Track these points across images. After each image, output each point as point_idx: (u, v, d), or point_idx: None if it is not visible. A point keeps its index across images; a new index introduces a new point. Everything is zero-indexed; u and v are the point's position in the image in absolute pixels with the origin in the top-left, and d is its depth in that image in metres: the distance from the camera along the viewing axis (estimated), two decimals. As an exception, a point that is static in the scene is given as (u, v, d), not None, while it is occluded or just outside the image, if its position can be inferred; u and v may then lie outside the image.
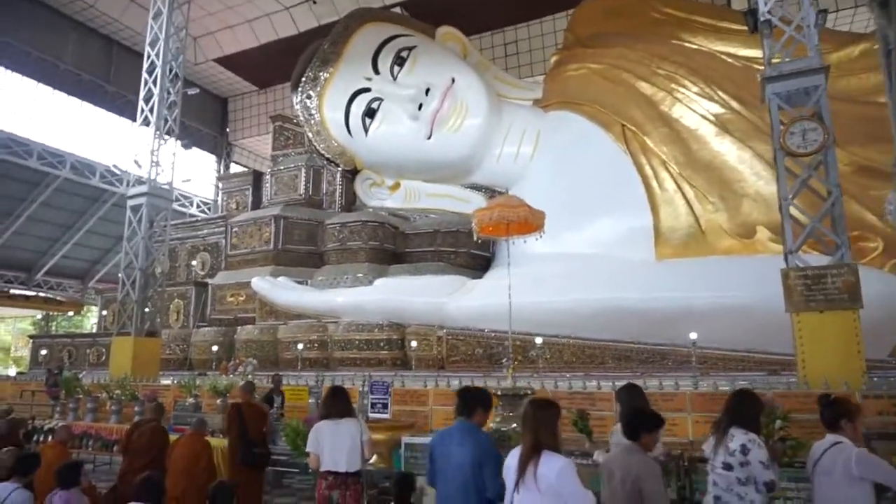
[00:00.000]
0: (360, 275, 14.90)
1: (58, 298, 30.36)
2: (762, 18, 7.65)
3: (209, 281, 17.16)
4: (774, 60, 7.65)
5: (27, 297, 29.18)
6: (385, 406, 8.52)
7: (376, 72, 17.05)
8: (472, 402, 3.56)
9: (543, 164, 15.95)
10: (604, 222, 14.06)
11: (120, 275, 13.58)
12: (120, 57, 25.60)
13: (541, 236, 7.10)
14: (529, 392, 6.48)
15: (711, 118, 13.57)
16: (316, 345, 13.61)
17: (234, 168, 30.21)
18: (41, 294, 29.53)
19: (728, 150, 13.14)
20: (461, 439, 3.42)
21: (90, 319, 34.97)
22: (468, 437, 3.39)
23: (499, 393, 6.27)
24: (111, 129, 26.13)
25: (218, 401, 8.79)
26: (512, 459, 2.94)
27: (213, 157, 30.71)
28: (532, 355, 11.60)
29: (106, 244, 29.20)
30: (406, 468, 6.57)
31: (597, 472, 4.41)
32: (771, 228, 12.12)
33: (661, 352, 10.79)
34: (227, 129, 30.19)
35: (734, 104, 13.52)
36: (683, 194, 13.43)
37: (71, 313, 32.44)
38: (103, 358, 16.25)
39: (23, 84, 23.25)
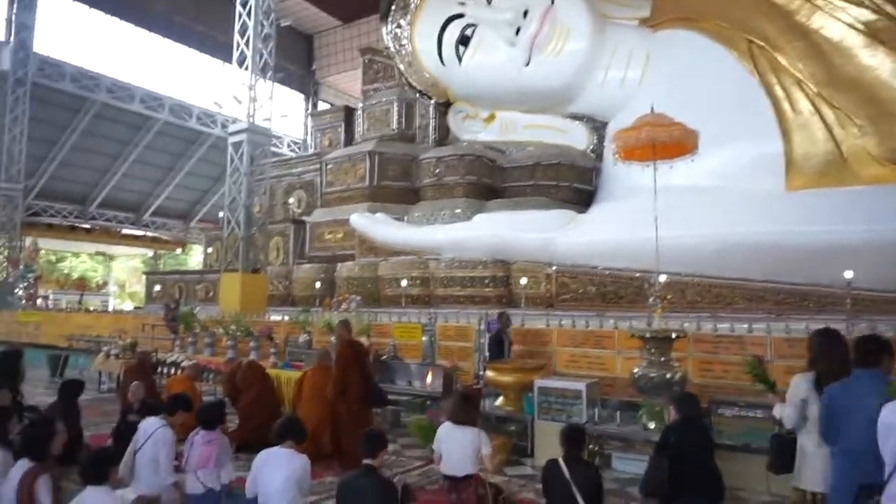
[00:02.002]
0: (458, 210, 14.42)
1: (163, 237, 31.99)
2: None
3: (306, 219, 17.21)
4: None
5: (136, 237, 30.94)
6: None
7: (470, -5, 16.03)
8: (877, 350, 3.14)
9: (654, 88, 14.54)
10: (725, 151, 12.66)
11: (224, 212, 13.75)
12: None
13: (693, 159, 6.26)
14: (682, 334, 5.84)
15: (860, 27, 11.81)
16: (417, 282, 13.38)
17: (322, 106, 30.13)
18: (149, 234, 31.18)
19: (881, 64, 11.44)
20: (872, 389, 2.96)
21: (193, 257, 36.79)
22: (882, 388, 2.95)
23: (647, 335, 5.67)
24: (202, 70, 26.47)
25: (332, 338, 8.65)
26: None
27: (300, 96, 30.71)
28: (648, 294, 10.85)
29: (204, 185, 30.20)
30: (538, 413, 6.19)
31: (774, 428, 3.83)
32: (933, 152, 10.61)
33: (801, 292, 9.76)
34: (314, 67, 29.96)
35: (889, 8, 11.68)
36: (822, 117, 11.93)
37: (179, 251, 34.16)
38: (211, 294, 16.78)
39: (120, 27, 23.74)
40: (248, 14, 13.43)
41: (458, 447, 4.15)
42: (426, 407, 7.60)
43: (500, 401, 6.79)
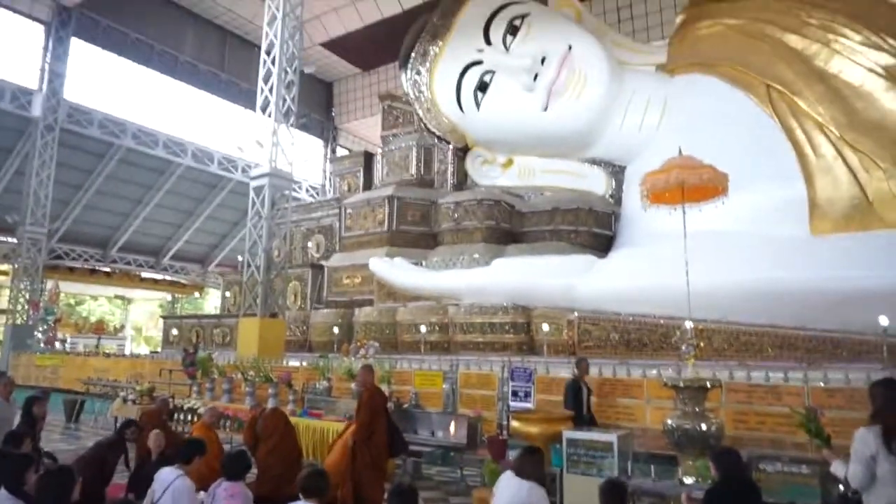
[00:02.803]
0: (477, 255, 14.37)
1: (181, 281, 32.19)
2: None
3: (324, 263, 17.24)
4: None
5: (155, 281, 31.16)
6: (528, 395, 7.95)
7: (488, 43, 16.32)
8: None
9: (672, 132, 14.58)
10: (747, 196, 12.47)
11: (245, 256, 13.81)
12: (232, 46, 26.46)
13: (724, 202, 6.17)
14: (718, 384, 5.63)
15: (880, 70, 11.81)
16: (436, 328, 13.23)
17: (340, 152, 30.60)
18: (167, 277, 31.41)
19: (903, 107, 11.38)
20: None
21: (209, 301, 36.93)
22: None
23: (680, 385, 5.47)
24: (226, 116, 27.08)
25: (353, 385, 8.51)
26: None
27: (319, 142, 31.23)
28: (675, 341, 10.60)
29: (223, 229, 30.51)
30: (567, 466, 5.95)
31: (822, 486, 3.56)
32: (963, 196, 10.43)
33: (833, 339, 9.48)
34: (333, 113, 30.56)
35: (908, 53, 11.69)
36: (845, 161, 11.82)
37: (197, 295, 34.32)
38: (228, 339, 16.72)
39: (146, 75, 24.47)
40: (273, 62, 13.76)
41: (510, 497, 3.96)
42: (447, 458, 7.37)
43: None
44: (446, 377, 8.70)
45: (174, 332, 18.66)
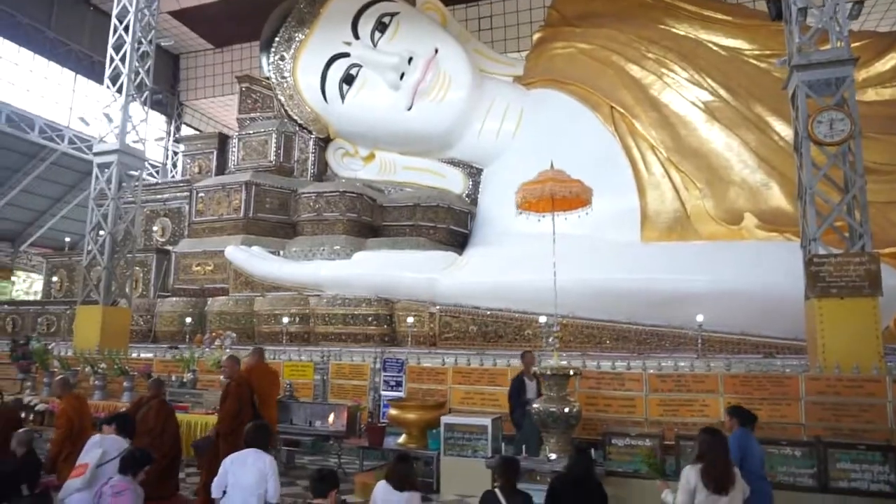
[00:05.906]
0: (338, 247, 14.44)
1: (-17, 262, 28.15)
2: (797, 5, 7.68)
3: (172, 249, 16.23)
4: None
5: (-51, 261, 26.97)
6: (399, 384, 8.32)
7: (356, 36, 16.39)
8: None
9: (526, 141, 15.79)
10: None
11: (87, 237, 12.54)
12: (63, 3, 23.59)
13: (588, 213, 6.96)
14: (579, 372, 6.38)
15: (700, 105, 13.77)
16: (297, 318, 13.11)
17: (185, 130, 28.66)
18: (-35, 258, 27.33)
19: (716, 138, 13.39)
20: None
21: (17, 285, 32.63)
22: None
23: (548, 373, 6.13)
24: (53, 80, 24.14)
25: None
26: None
27: (161, 118, 28.94)
28: (528, 334, 11.58)
29: (40, 205, 27.16)
30: (445, 449, 6.40)
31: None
32: (757, 215, 12.51)
33: (659, 333, 10.96)
34: (179, 89, 28.51)
35: (722, 92, 13.76)
36: (670, 179, 13.62)
37: (14, 280, 30.13)
38: (54, 328, 15.13)
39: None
40: (126, 30, 12.63)
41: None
42: (319, 447, 7.50)
43: (402, 438, 6.90)
44: (317, 368, 8.78)
45: (-17, 320, 16.45)
